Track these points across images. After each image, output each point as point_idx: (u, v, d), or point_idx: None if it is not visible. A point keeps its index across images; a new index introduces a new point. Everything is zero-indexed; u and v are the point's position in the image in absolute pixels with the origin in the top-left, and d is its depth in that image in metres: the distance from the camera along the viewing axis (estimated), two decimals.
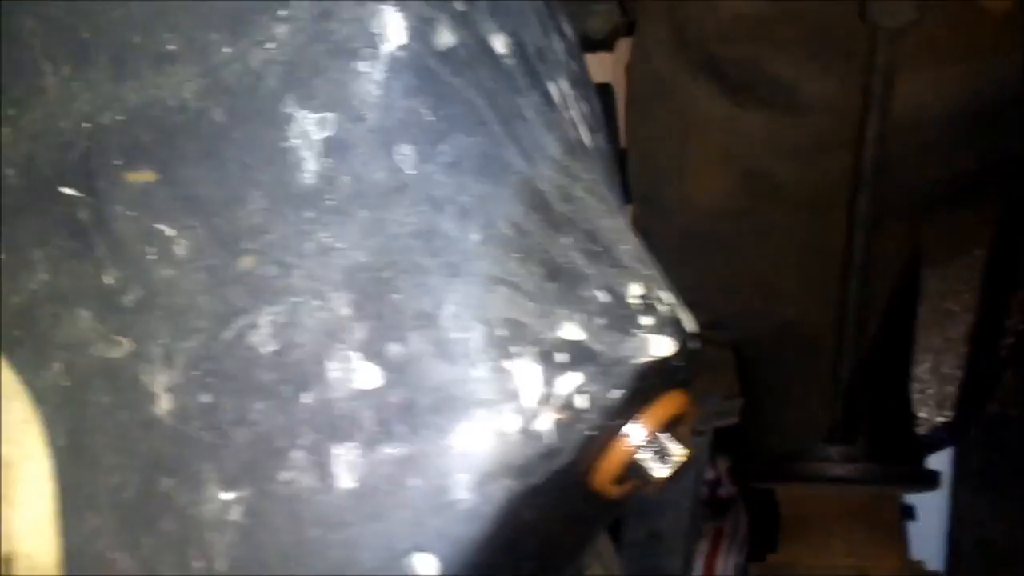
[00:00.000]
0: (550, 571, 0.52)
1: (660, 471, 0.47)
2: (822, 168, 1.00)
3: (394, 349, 0.43)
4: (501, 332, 0.43)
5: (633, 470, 0.47)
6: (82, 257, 0.48)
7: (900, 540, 1.13)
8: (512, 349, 0.43)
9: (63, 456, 0.45)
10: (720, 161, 1.04)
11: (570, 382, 0.43)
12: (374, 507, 0.42)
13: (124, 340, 0.47)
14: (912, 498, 1.23)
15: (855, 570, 1.11)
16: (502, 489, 0.41)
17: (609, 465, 0.46)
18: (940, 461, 1.22)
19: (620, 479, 0.47)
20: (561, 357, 0.43)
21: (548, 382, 0.43)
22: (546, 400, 0.42)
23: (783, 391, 1.19)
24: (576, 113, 0.54)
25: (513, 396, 0.42)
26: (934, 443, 1.16)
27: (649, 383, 0.46)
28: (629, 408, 0.45)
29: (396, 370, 0.43)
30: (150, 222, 0.48)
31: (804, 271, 1.07)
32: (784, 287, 1.10)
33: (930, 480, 1.12)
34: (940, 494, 1.24)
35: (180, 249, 0.47)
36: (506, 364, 0.42)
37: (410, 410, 0.42)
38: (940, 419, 1.14)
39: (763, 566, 1.18)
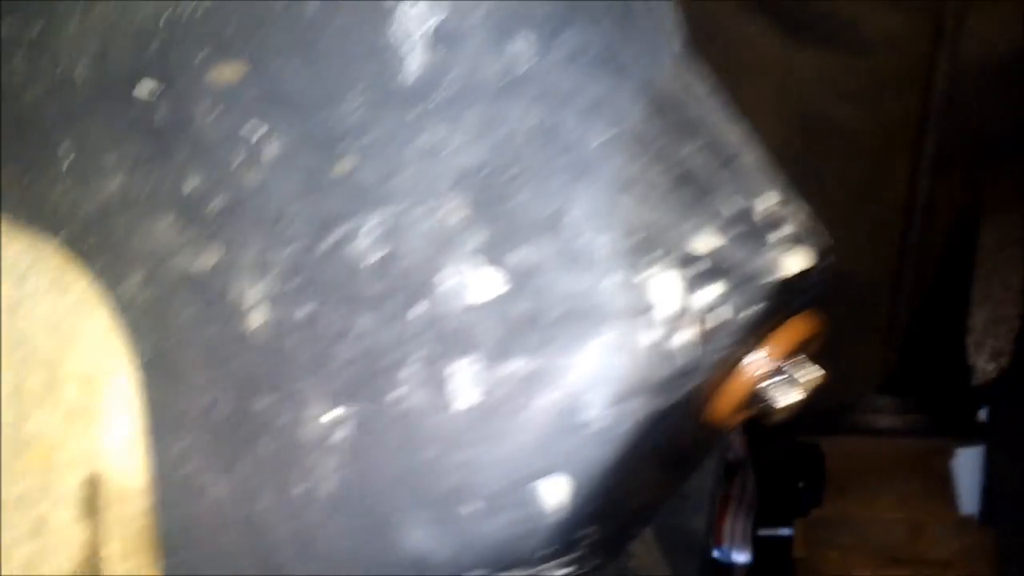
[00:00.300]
0: (655, 507, 0.49)
1: (787, 398, 0.44)
2: (884, 110, 0.96)
3: (515, 257, 0.39)
4: (631, 240, 0.39)
5: (758, 397, 0.44)
6: (160, 161, 0.44)
7: (952, 493, 1.11)
8: (644, 259, 0.39)
9: (149, 372, 0.42)
10: (774, 105, 1.00)
11: (704, 297, 0.39)
12: (495, 427, 0.39)
13: (210, 250, 0.43)
14: None
15: (908, 523, 1.09)
16: (636, 409, 0.38)
17: (734, 390, 0.43)
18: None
19: (743, 406, 0.44)
20: (695, 270, 0.40)
21: (682, 296, 0.39)
22: (680, 315, 0.39)
23: (835, 342, 1.16)
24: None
25: (646, 309, 0.39)
26: (987, 394, 1.14)
27: (782, 301, 0.42)
28: (761, 328, 0.42)
29: (518, 280, 0.39)
30: (236, 122, 0.44)
31: (862, 218, 1.03)
32: (841, 235, 1.07)
33: (984, 432, 1.10)
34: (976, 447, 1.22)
35: (270, 152, 0.43)
36: (638, 275, 0.39)
37: (535, 323, 0.39)
38: (994, 370, 1.11)
39: (808, 521, 1.16)
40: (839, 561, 1.09)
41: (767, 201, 0.43)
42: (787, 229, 0.42)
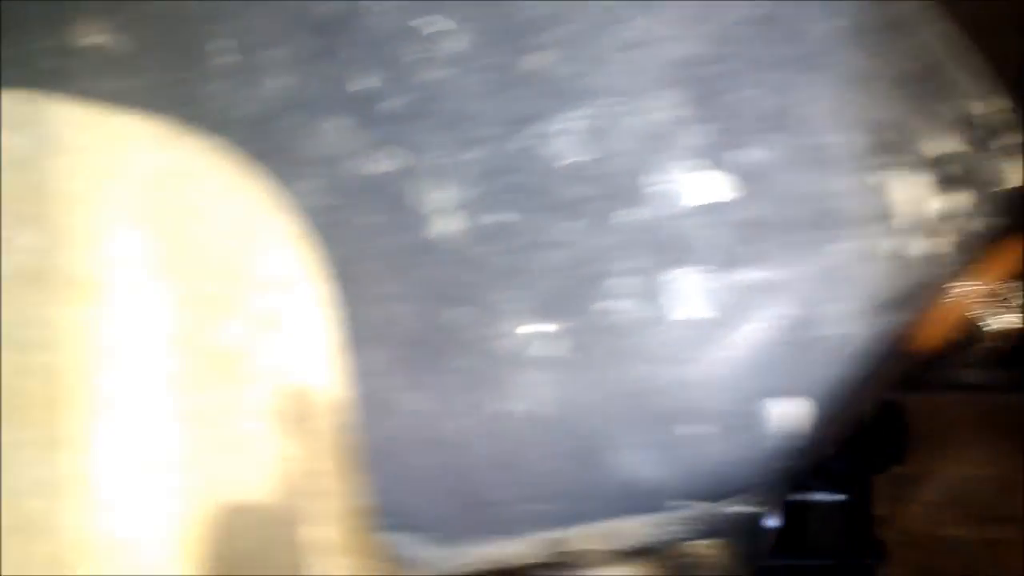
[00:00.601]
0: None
1: (1002, 322, 0.41)
2: None
3: (740, 157, 0.36)
4: (867, 139, 0.36)
5: (972, 319, 0.41)
6: (329, 58, 0.41)
7: None
8: (881, 160, 0.36)
9: (334, 283, 0.39)
10: None
11: (948, 203, 0.36)
12: (719, 342, 0.36)
13: (386, 154, 0.40)
14: None
15: (999, 481, 1.06)
16: (877, 324, 0.35)
17: (949, 310, 0.40)
18: None
19: (955, 330, 0.41)
20: (937, 174, 0.36)
21: (925, 202, 0.36)
22: (924, 222, 0.36)
23: None
24: None
25: (885, 215, 0.36)
26: None
27: (1015, 215, 0.39)
28: (992, 243, 0.39)
29: (744, 182, 0.36)
30: (408, 16, 0.40)
31: None
32: None
33: None
34: None
35: (449, 47, 0.40)
36: (876, 177, 0.36)
37: (763, 229, 0.36)
38: None
39: (891, 478, 1.14)
40: (923, 518, 1.06)
41: (988, 107, 0.39)
42: (1010, 137, 0.39)
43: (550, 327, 0.37)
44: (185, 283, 0.36)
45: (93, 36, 0.41)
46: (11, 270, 0.36)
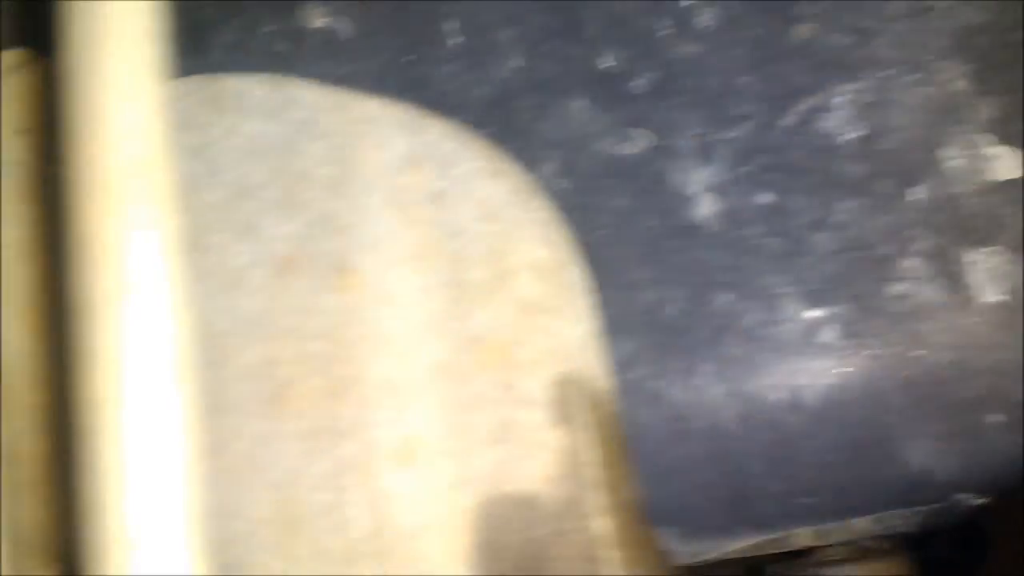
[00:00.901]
0: None
1: None
2: None
3: None
4: None
5: None
6: (568, 36, 0.40)
7: None
8: None
9: (587, 269, 0.37)
10: None
11: None
12: None
13: (638, 134, 0.38)
14: None
15: None
16: None
17: None
18: None
19: None
20: None
21: None
22: None
23: None
24: None
25: None
26: None
27: None
28: None
29: None
30: None
31: None
32: None
33: None
34: None
35: (705, 19, 0.38)
36: None
37: None
38: None
39: None
40: None
41: None
42: None
43: (837, 310, 0.34)
44: (443, 269, 0.34)
45: (323, 19, 0.40)
46: (268, 257, 0.34)
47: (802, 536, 0.36)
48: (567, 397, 0.32)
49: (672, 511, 0.34)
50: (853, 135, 0.35)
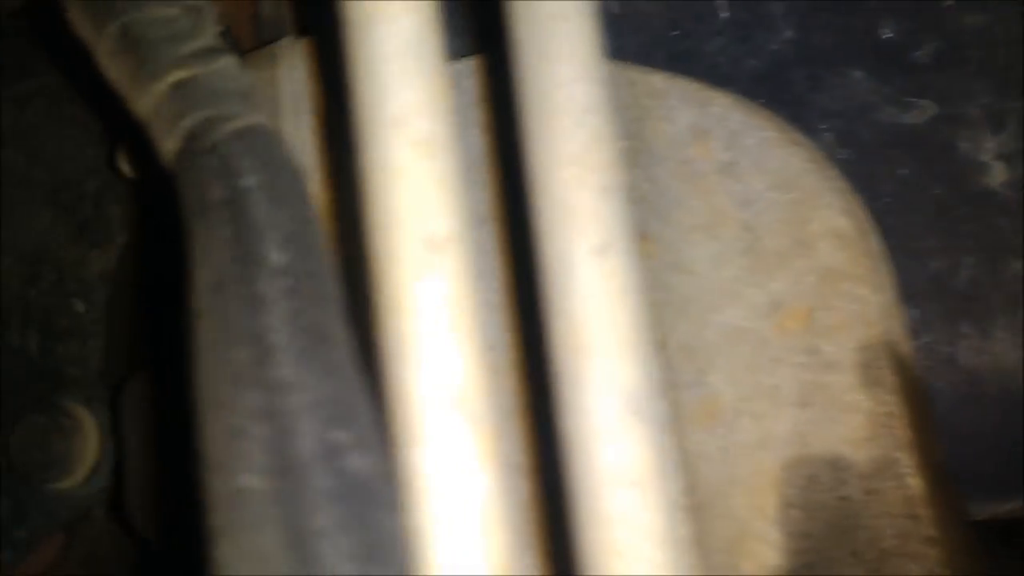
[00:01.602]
0: None
1: None
2: None
3: None
4: None
5: None
6: (843, 8, 0.40)
7: None
8: None
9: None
10: None
11: None
12: None
13: (922, 103, 0.38)
14: None
15: None
16: None
17: None
18: None
19: None
20: None
21: None
22: None
23: None
24: None
25: None
26: None
27: None
28: None
29: None
30: None
31: None
32: None
33: None
34: None
35: None
36: None
37: None
38: None
39: None
40: None
41: None
42: None
43: None
44: (737, 237, 0.35)
45: None
46: None
47: None
48: (874, 361, 0.33)
49: (967, 472, 0.35)
50: None
